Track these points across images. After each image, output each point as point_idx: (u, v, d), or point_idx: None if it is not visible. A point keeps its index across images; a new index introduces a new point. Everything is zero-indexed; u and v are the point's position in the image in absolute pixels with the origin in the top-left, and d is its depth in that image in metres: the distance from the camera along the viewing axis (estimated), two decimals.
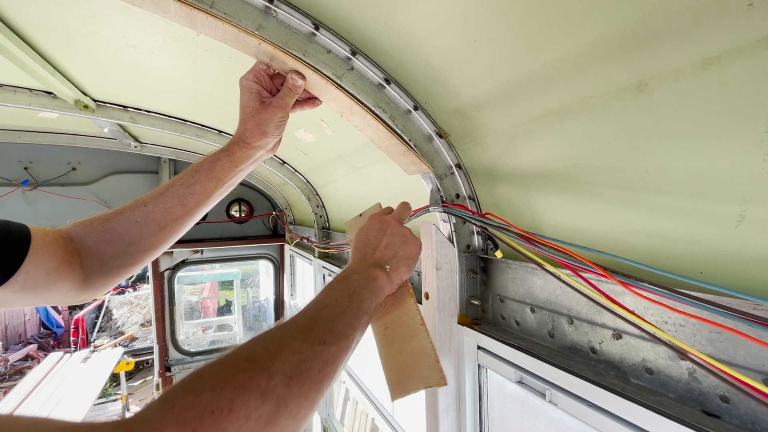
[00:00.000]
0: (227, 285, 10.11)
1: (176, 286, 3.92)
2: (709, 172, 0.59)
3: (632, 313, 0.65)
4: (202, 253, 3.91)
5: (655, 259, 0.72)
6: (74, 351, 8.23)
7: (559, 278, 0.78)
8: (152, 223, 0.82)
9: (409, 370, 0.71)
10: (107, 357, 7.51)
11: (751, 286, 0.60)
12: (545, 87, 0.75)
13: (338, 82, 0.94)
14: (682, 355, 0.63)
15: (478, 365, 1.13)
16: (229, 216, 4.01)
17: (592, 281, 0.71)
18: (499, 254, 1.02)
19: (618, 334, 0.78)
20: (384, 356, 0.76)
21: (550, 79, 0.72)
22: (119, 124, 2.43)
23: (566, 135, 0.78)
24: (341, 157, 1.88)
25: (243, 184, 3.97)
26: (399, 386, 0.70)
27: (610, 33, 0.58)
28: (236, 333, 7.46)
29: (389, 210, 0.94)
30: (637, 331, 0.74)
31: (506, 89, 0.82)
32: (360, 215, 1.07)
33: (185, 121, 2.24)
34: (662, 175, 0.65)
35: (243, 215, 4.07)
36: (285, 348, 0.49)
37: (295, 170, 2.68)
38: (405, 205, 0.94)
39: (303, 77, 0.85)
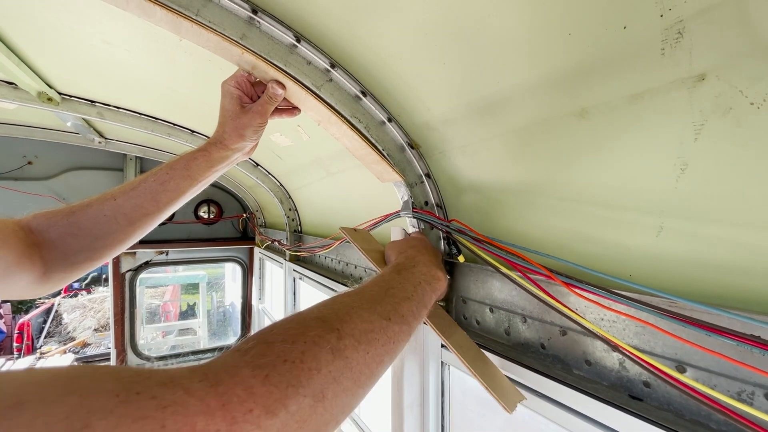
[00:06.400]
0: (191, 289, 9.76)
1: (138, 288, 3.77)
2: (635, 188, 0.69)
3: (574, 312, 0.74)
4: (167, 255, 3.80)
5: (592, 263, 0.82)
6: (17, 358, 7.65)
7: (512, 280, 0.87)
8: (122, 218, 0.81)
9: (503, 387, 0.83)
10: (55, 364, 7.02)
11: (668, 286, 0.70)
12: (504, 108, 0.84)
13: (317, 92, 0.99)
14: (614, 348, 0.73)
15: (442, 362, 1.21)
16: (197, 217, 3.92)
17: (540, 283, 0.79)
18: (461, 259, 1.10)
19: (564, 331, 0.87)
20: (477, 371, 0.84)
21: (509, 102, 0.81)
22: (84, 119, 2.35)
23: (521, 151, 0.87)
24: (316, 162, 1.92)
25: (213, 185, 3.90)
26: (506, 400, 0.80)
27: (558, 67, 0.68)
28: (200, 337, 7.21)
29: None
30: (579, 328, 0.83)
31: (471, 107, 0.91)
32: (355, 229, 1.16)
33: (156, 119, 2.21)
34: (599, 190, 0.75)
35: (212, 216, 3.99)
36: (354, 315, 0.51)
37: (269, 173, 2.68)
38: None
39: (283, 87, 0.89)
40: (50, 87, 1.86)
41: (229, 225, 4.12)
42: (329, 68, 1.01)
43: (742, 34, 0.47)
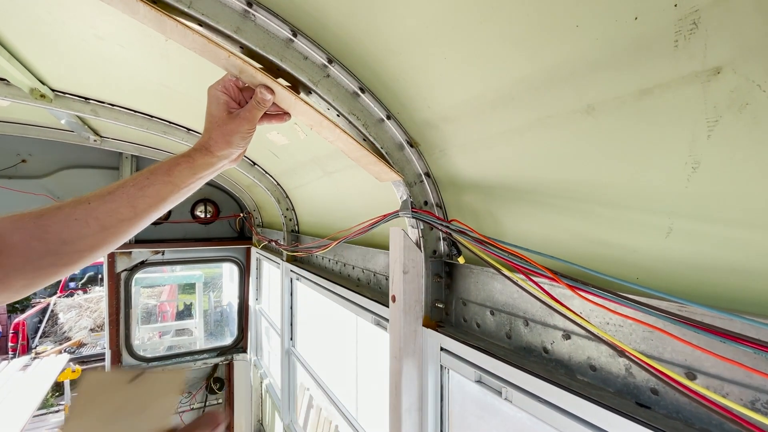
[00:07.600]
0: (188, 289, 9.72)
1: (133, 288, 3.73)
2: (644, 189, 0.66)
3: (579, 315, 0.72)
4: (163, 254, 3.76)
5: (599, 265, 0.79)
6: (12, 357, 7.60)
7: (514, 282, 0.84)
8: (93, 222, 0.76)
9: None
10: (50, 364, 6.97)
11: (678, 289, 0.68)
12: (507, 106, 0.81)
13: (314, 88, 0.96)
14: (620, 353, 0.70)
15: (441, 366, 1.18)
16: (194, 216, 3.89)
17: (543, 285, 0.77)
18: (461, 260, 1.08)
19: (567, 335, 0.85)
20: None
21: (512, 99, 0.79)
22: (78, 116, 2.32)
23: (525, 150, 0.85)
24: (313, 161, 1.89)
25: (209, 184, 3.87)
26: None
27: (562, 61, 0.65)
28: (197, 338, 7.16)
29: None
30: (583, 332, 0.81)
31: (472, 105, 0.88)
32: (136, 376, 0.86)
33: (152, 116, 2.17)
34: (605, 189, 0.73)
35: (208, 216, 3.95)
36: None
37: (266, 172, 2.65)
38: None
39: (272, 92, 0.85)
40: (43, 83, 1.82)
41: (226, 225, 4.09)
42: (327, 63, 0.98)
43: (761, 25, 0.44)
